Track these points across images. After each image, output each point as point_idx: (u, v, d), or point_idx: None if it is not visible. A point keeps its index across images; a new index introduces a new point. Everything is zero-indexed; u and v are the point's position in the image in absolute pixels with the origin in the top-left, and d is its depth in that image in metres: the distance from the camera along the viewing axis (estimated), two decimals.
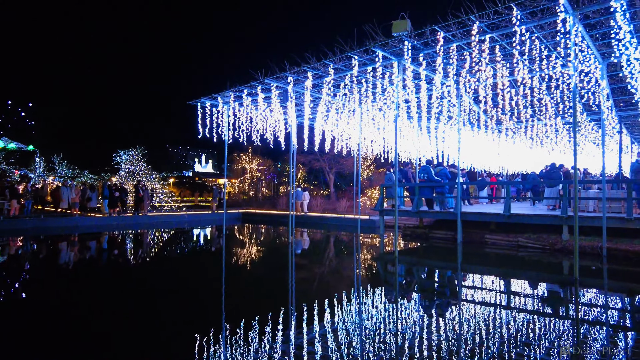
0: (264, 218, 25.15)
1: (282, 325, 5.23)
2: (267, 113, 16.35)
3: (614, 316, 5.96)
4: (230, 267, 9.70)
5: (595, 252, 10.29)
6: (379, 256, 11.64)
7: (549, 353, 4.32)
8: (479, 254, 11.46)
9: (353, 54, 10.46)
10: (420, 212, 14.59)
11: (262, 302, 6.62)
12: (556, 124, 17.52)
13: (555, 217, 11.63)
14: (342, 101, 14.81)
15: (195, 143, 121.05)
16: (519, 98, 14.61)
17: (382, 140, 20.68)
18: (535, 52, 9.90)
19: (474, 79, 12.46)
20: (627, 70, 9.74)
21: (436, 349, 4.40)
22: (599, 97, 11.66)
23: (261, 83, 13.20)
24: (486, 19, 8.58)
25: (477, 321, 5.49)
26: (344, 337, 4.84)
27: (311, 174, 40.57)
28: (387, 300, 6.72)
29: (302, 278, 8.65)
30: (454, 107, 13.94)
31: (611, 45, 9.39)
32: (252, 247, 13.42)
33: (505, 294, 7.38)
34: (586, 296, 7.06)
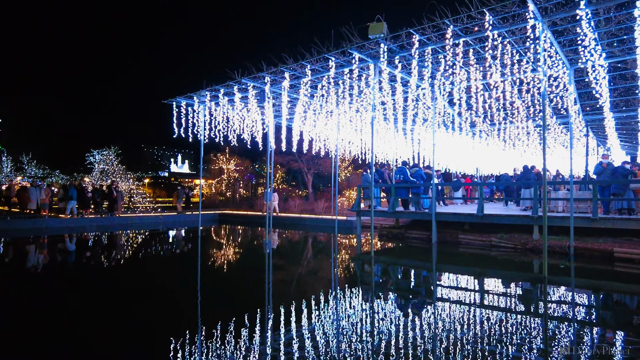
0: (241, 219, 24.95)
1: (259, 326, 5.21)
2: (245, 113, 16.25)
3: (581, 312, 6.18)
4: (205, 269, 9.58)
5: (564, 251, 10.63)
6: (356, 256, 11.72)
7: (519, 349, 4.44)
8: (453, 254, 11.67)
9: (330, 55, 10.52)
10: (396, 213, 14.77)
11: (238, 304, 6.57)
12: (528, 126, 18.03)
13: (526, 218, 11.98)
14: (320, 102, 14.86)
15: (172, 143, 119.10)
16: (492, 101, 14.98)
17: (359, 141, 20.84)
18: (507, 56, 10.16)
19: (449, 82, 12.70)
20: (592, 76, 10.13)
21: (412, 347, 4.46)
22: (567, 102, 12.07)
23: (238, 83, 13.12)
24: (460, 23, 8.77)
25: (451, 319, 5.59)
26: (321, 337, 4.85)
27: (289, 174, 40.52)
28: (363, 300, 6.77)
29: (279, 279, 8.63)
30: (429, 110, 14.17)
31: (578, 52, 9.73)
32: (228, 249, 13.29)
33: (478, 292, 7.54)
34: (554, 294, 7.29)
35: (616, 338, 4.90)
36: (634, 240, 10.56)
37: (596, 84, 10.63)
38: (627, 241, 10.58)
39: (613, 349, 4.49)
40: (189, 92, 14.64)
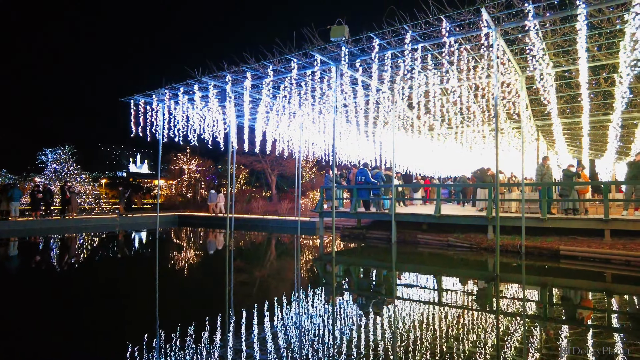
0: (201, 221, 24.46)
1: (220, 330, 5.13)
2: (206, 112, 15.96)
3: (529, 307, 6.50)
4: (162, 273, 9.33)
5: (516, 250, 11.13)
6: (318, 257, 11.76)
7: (474, 345, 4.61)
8: (412, 253, 11.96)
9: (292, 56, 10.53)
10: (357, 214, 14.96)
11: (196, 308, 6.44)
12: (483, 130, 18.78)
13: (481, 218, 12.46)
14: (282, 103, 14.84)
15: (131, 142, 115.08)
16: (449, 105, 15.49)
17: (323, 142, 20.96)
18: (463, 62, 10.55)
19: (407, 86, 13.02)
20: (540, 84, 10.71)
21: (373, 346, 4.53)
22: (519, 107, 12.67)
23: (198, 81, 12.88)
24: (419, 29, 9.01)
25: (409, 317, 5.73)
26: (283, 339, 4.83)
27: (253, 175, 40.12)
28: (325, 301, 6.81)
29: (241, 281, 8.53)
30: (390, 112, 14.47)
31: (527, 60, 10.23)
32: (187, 251, 13.00)
33: (435, 290, 7.77)
34: (505, 291, 7.62)
35: (562, 330, 5.19)
36: (578, 239, 11.22)
37: (544, 91, 11.25)
38: (572, 239, 11.23)
39: (559, 341, 4.75)
40: (147, 90, 14.24)
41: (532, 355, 4.32)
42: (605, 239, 10.87)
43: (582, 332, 5.14)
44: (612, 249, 10.08)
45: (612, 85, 12.14)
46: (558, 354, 4.30)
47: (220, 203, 25.02)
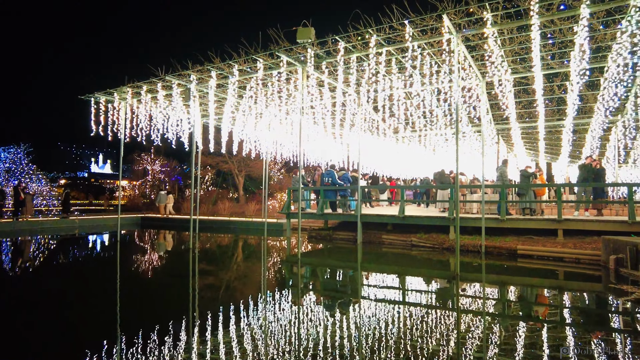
0: (166, 223, 23.88)
1: (185, 334, 5.02)
2: (170, 112, 15.61)
3: (490, 305, 6.73)
4: (123, 276, 9.06)
5: (476, 250, 11.50)
6: (285, 259, 11.74)
7: (437, 343, 4.73)
8: (377, 254, 12.14)
9: (258, 57, 10.47)
10: (324, 215, 15.04)
11: (159, 313, 6.29)
12: (446, 133, 19.31)
13: (443, 218, 12.80)
14: (249, 103, 14.72)
15: (93, 141, 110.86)
16: (413, 109, 15.84)
17: (291, 143, 20.94)
18: (425, 67, 10.81)
19: (373, 89, 13.22)
20: (499, 89, 11.14)
21: (338, 346, 4.56)
22: (479, 111, 13.11)
23: (162, 80, 12.59)
24: (383, 33, 9.17)
25: (373, 317, 5.81)
26: (248, 341, 4.79)
27: (219, 176, 39.52)
28: (291, 302, 6.80)
29: (206, 284, 8.39)
30: (355, 115, 14.64)
31: (487, 66, 10.61)
32: (150, 254, 12.67)
33: (398, 290, 7.91)
34: (464, 289, 7.86)
35: (519, 326, 5.41)
36: (534, 238, 11.73)
37: (503, 97, 11.70)
38: (529, 239, 11.72)
39: (515, 337, 4.95)
40: (108, 87, 13.79)
41: (492, 350, 4.49)
42: (559, 238, 11.41)
43: (538, 327, 5.37)
44: (564, 248, 10.61)
45: (564, 93, 12.78)
46: (516, 349, 4.48)
47: (169, 204, 25.19)
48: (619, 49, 8.86)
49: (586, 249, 10.33)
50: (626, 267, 8.47)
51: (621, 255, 8.74)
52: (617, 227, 10.75)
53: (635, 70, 10.35)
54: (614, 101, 12.15)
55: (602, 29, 9.03)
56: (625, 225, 10.65)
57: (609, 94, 11.83)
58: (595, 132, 15.81)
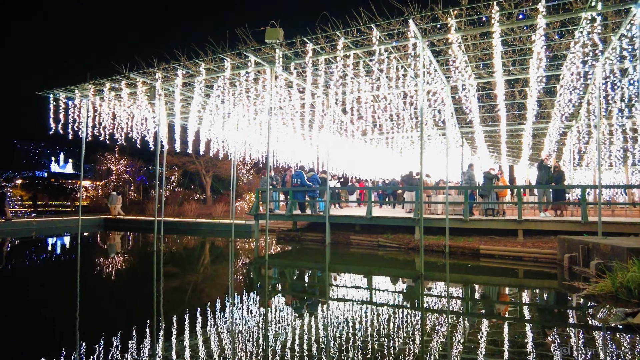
0: (130, 224, 23.19)
1: (149, 338, 4.89)
2: (135, 110, 15.20)
3: (453, 303, 6.91)
4: (83, 281, 8.73)
5: (441, 249, 11.78)
6: (253, 261, 11.64)
7: (401, 340, 4.82)
8: (344, 254, 12.23)
9: (225, 56, 10.36)
10: (293, 216, 15.02)
11: (122, 317, 6.10)
12: (412, 136, 19.70)
13: (409, 219, 13.05)
14: (216, 102, 14.52)
15: (53, 140, 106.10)
16: (381, 111, 16.08)
17: (260, 144, 20.79)
18: (392, 70, 11.01)
19: (341, 92, 13.34)
20: (462, 94, 11.48)
21: (306, 347, 4.56)
22: (444, 115, 13.46)
23: (126, 77, 12.24)
24: (351, 36, 9.27)
25: (340, 317, 5.84)
26: (214, 345, 4.71)
27: (186, 176, 38.73)
28: (258, 304, 6.75)
29: (171, 287, 8.20)
30: (324, 116, 14.72)
31: (451, 71, 10.92)
32: (111, 257, 12.26)
33: (365, 290, 7.99)
34: (430, 289, 8.03)
35: (481, 323, 5.58)
36: (496, 238, 12.13)
37: (466, 101, 12.06)
38: (491, 239, 12.12)
39: (478, 334, 5.10)
40: (69, 84, 13.28)
41: (456, 347, 4.61)
42: (519, 238, 11.86)
43: (499, 324, 5.56)
44: (523, 248, 11.03)
45: (524, 98, 13.31)
46: (478, 345, 4.62)
47: (118, 205, 25.34)
48: (572, 58, 9.32)
49: (544, 248, 10.77)
50: (579, 264, 8.90)
51: (574, 253, 9.17)
52: (571, 227, 11.28)
53: (587, 79, 10.92)
54: (569, 107, 12.76)
55: (557, 38, 9.46)
56: (579, 225, 11.18)
57: (565, 100, 12.41)
58: (553, 137, 16.54)
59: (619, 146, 16.16)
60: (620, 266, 7.02)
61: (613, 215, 14.15)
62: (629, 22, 8.40)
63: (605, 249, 8.14)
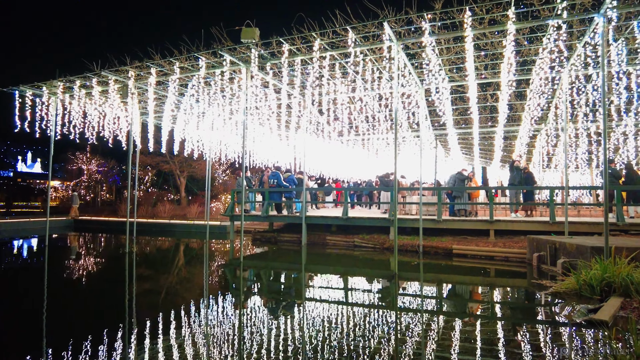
0: (101, 226, 22.59)
1: (120, 342, 4.77)
2: (106, 109, 14.82)
3: (426, 302, 7.02)
4: (51, 284, 8.44)
5: (415, 249, 11.96)
6: (228, 262, 11.52)
7: (376, 340, 4.86)
8: (321, 255, 12.26)
9: (200, 55, 10.23)
10: (269, 217, 14.96)
11: (92, 321, 5.93)
12: (388, 137, 19.94)
13: (384, 219, 13.20)
14: (190, 101, 14.31)
15: (20, 138, 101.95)
16: (356, 113, 16.21)
17: (237, 144, 20.60)
18: (368, 72, 11.11)
19: (317, 92, 13.38)
20: (436, 97, 11.70)
21: (282, 348, 4.54)
22: (418, 117, 13.69)
23: (97, 75, 11.93)
24: (327, 38, 9.30)
25: (316, 317, 5.85)
26: (188, 348, 4.64)
27: (160, 177, 38.01)
28: (233, 306, 6.68)
29: (144, 290, 8.02)
30: (301, 117, 14.73)
31: (425, 74, 11.11)
32: (82, 260, 11.90)
33: (340, 290, 8.03)
34: (405, 288, 8.14)
35: (454, 322, 5.69)
36: (468, 238, 12.41)
37: (440, 104, 12.30)
38: (463, 239, 12.38)
39: (451, 331, 5.20)
40: (37, 81, 12.83)
41: (430, 346, 4.69)
42: (490, 238, 12.16)
43: (471, 322, 5.68)
44: (495, 247, 11.32)
45: (496, 101, 13.66)
46: (451, 342, 4.71)
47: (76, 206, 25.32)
48: (541, 64, 9.63)
49: (514, 248, 11.08)
50: (547, 263, 9.20)
51: (543, 252, 9.48)
52: (540, 227, 11.64)
53: (554, 84, 11.30)
54: (538, 111, 13.18)
55: (527, 44, 9.76)
56: (547, 225, 11.55)
57: (534, 104, 12.81)
58: (523, 139, 17.04)
59: (585, 149, 16.78)
60: (584, 264, 7.29)
61: (579, 215, 14.68)
62: (592, 31, 8.75)
63: (570, 248, 8.44)
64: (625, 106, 12.45)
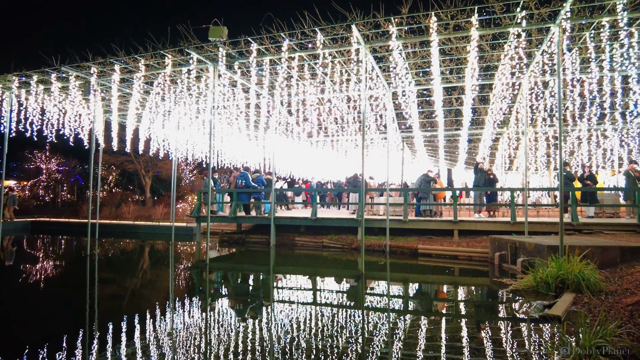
0: (61, 227, 21.69)
1: (80, 349, 4.58)
2: (67, 105, 14.25)
3: (391, 302, 7.14)
4: (3, 289, 8.04)
5: (382, 249, 12.13)
6: (194, 264, 11.31)
7: (334, 340, 4.89)
8: (289, 256, 12.24)
9: (166, 52, 10.01)
10: (236, 218, 14.80)
11: (48, 327, 5.68)
12: (356, 139, 20.15)
13: (352, 220, 13.33)
14: (156, 100, 13.97)
15: None
16: (326, 114, 16.31)
17: (204, 144, 20.25)
18: (336, 74, 11.20)
19: (287, 93, 13.37)
20: (403, 100, 11.94)
21: (250, 350, 4.50)
22: (386, 119, 13.91)
23: (57, 70, 11.45)
24: (295, 39, 9.31)
25: (285, 319, 5.83)
26: (152, 353, 4.52)
27: (124, 177, 36.85)
28: (198, 309, 6.56)
29: (105, 294, 7.75)
30: (270, 117, 14.67)
31: (392, 77, 11.30)
32: (39, 263, 11.38)
33: (308, 291, 8.05)
34: (372, 288, 8.24)
35: (420, 320, 5.81)
36: (433, 238, 12.69)
37: (406, 107, 12.55)
38: (429, 239, 12.66)
39: (417, 329, 5.30)
40: None
41: (396, 344, 4.77)
42: (454, 238, 12.48)
43: (436, 320, 5.82)
44: (459, 247, 11.63)
45: (461, 105, 14.06)
46: (417, 340, 4.81)
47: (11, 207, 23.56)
48: (502, 69, 10.00)
49: (477, 247, 11.42)
50: (507, 262, 9.54)
51: (504, 252, 9.82)
52: (502, 227, 12.07)
53: (515, 89, 11.76)
54: (500, 115, 13.67)
55: (489, 50, 10.11)
56: (508, 225, 11.99)
57: (496, 108, 13.28)
58: (487, 142, 17.62)
59: (544, 152, 17.53)
60: (542, 263, 7.62)
61: (538, 215, 15.30)
62: (549, 40, 9.17)
63: (529, 247, 8.79)
64: (579, 112, 13.11)
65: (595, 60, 10.26)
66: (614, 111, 14.08)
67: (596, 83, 11.12)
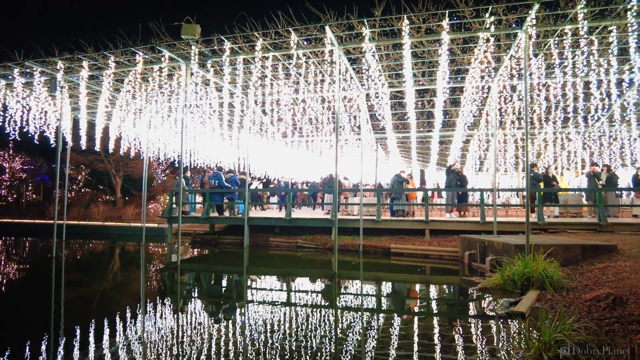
0: (26, 229, 20.89)
1: (45, 355, 4.42)
2: (31, 102, 13.73)
3: (364, 301, 7.21)
4: None
5: (356, 249, 12.23)
6: (165, 266, 11.10)
7: (308, 340, 4.91)
8: (263, 256, 12.18)
9: (137, 49, 9.81)
10: (209, 219, 14.62)
11: (13, 331, 5.47)
12: (331, 139, 20.25)
13: (327, 220, 13.39)
14: (126, 98, 13.64)
15: None
16: (300, 114, 16.33)
17: (176, 143, 19.91)
18: (310, 75, 11.23)
19: (261, 93, 13.31)
20: (376, 101, 12.09)
21: (223, 353, 4.45)
22: (360, 120, 14.05)
23: (20, 65, 11.04)
24: (269, 38, 9.29)
25: (258, 320, 5.80)
26: (123, 356, 4.40)
27: (94, 176, 35.79)
28: (170, 311, 6.45)
29: (72, 298, 7.50)
30: (244, 117, 14.56)
31: (365, 79, 11.43)
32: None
33: (282, 291, 8.04)
34: (346, 287, 8.31)
35: (393, 318, 5.89)
36: (405, 238, 12.89)
37: (380, 108, 12.71)
38: (401, 238, 12.84)
39: (390, 327, 5.38)
40: None
41: (370, 343, 4.82)
42: (426, 237, 12.71)
43: (408, 318, 5.92)
44: (430, 246, 11.85)
45: (433, 107, 14.35)
46: (389, 338, 4.88)
47: None
48: (473, 73, 10.27)
49: (448, 247, 11.67)
50: (477, 261, 9.80)
51: (473, 251, 10.08)
52: (472, 227, 12.37)
53: (484, 92, 12.09)
54: (470, 117, 14.03)
55: (460, 54, 10.36)
56: (478, 225, 12.30)
57: (467, 110, 13.62)
58: (458, 144, 18.05)
59: (512, 154, 18.08)
60: (509, 261, 7.86)
61: (507, 215, 15.77)
62: (516, 45, 9.48)
63: (498, 246, 9.05)
64: (545, 115, 13.60)
65: (559, 66, 10.68)
66: (576, 115, 14.67)
67: (560, 88, 11.57)
